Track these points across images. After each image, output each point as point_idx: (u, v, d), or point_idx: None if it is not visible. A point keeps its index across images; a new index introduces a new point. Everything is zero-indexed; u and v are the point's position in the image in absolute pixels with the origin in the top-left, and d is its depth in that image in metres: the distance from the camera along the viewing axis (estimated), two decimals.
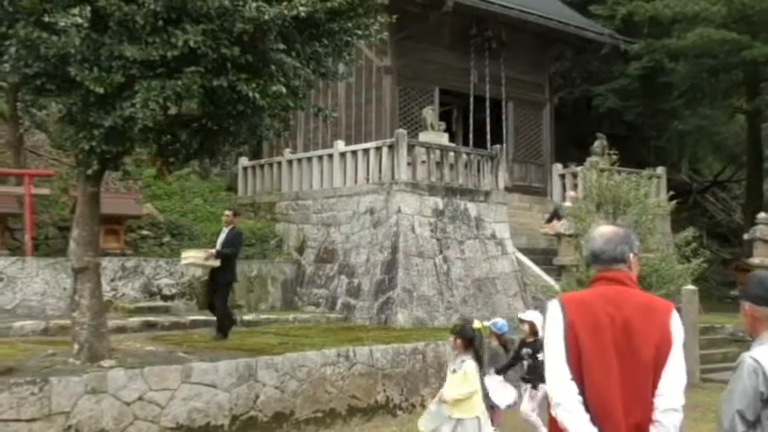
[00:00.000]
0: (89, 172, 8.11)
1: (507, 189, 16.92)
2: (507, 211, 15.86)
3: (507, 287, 14.88)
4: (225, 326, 10.66)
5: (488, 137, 18.63)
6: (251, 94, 7.47)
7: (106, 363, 8.28)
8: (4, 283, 11.77)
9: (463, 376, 6.60)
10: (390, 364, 10.16)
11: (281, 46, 7.68)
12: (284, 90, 7.73)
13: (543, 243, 16.74)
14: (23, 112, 9.17)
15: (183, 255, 10.99)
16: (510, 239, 15.50)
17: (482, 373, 6.99)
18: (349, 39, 8.93)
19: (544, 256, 15.88)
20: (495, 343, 8.37)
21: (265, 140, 16.32)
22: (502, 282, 14.87)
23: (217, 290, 10.67)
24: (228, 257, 10.59)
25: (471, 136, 18.88)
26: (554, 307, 3.19)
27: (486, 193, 15.41)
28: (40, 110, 8.43)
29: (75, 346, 8.47)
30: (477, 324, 6.89)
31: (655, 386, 3.11)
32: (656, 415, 3.10)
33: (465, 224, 14.85)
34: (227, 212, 11.37)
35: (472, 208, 15.06)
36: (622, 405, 3.04)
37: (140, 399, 8.04)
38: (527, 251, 15.91)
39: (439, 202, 14.56)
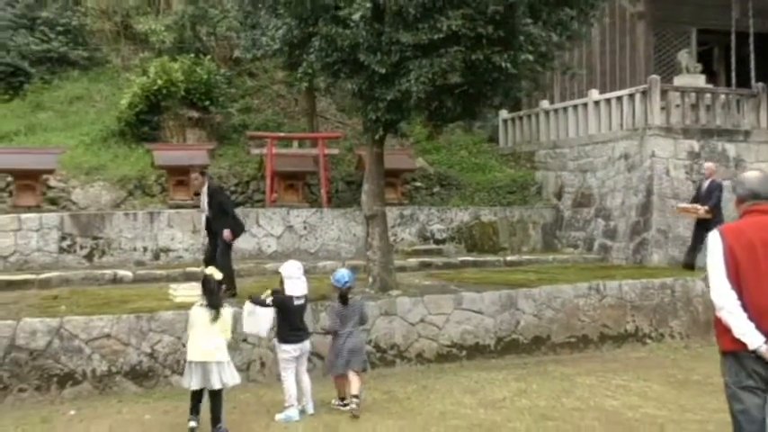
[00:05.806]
0: (376, 137, 9.95)
1: None
2: None
3: None
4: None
5: (753, 74, 18.11)
6: (503, 65, 8.75)
7: (394, 292, 10.16)
8: (308, 230, 14.24)
9: None
10: (639, 297, 11.03)
11: (529, 20, 8.84)
12: (531, 57, 8.91)
13: None
14: (325, 91, 11.22)
15: (172, 293, 10.22)
16: None
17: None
18: (595, 2, 9.83)
19: None
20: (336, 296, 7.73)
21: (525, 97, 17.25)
22: None
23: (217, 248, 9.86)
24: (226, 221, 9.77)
25: (734, 74, 18.44)
26: (714, 236, 4.19)
27: (746, 133, 15.32)
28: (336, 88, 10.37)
29: (369, 279, 10.46)
30: (208, 271, 6.99)
31: None
32: None
33: (723, 165, 14.94)
34: (193, 176, 10.45)
35: (730, 149, 15.10)
36: None
37: (422, 321, 9.81)
38: None
39: (694, 144, 14.81)
